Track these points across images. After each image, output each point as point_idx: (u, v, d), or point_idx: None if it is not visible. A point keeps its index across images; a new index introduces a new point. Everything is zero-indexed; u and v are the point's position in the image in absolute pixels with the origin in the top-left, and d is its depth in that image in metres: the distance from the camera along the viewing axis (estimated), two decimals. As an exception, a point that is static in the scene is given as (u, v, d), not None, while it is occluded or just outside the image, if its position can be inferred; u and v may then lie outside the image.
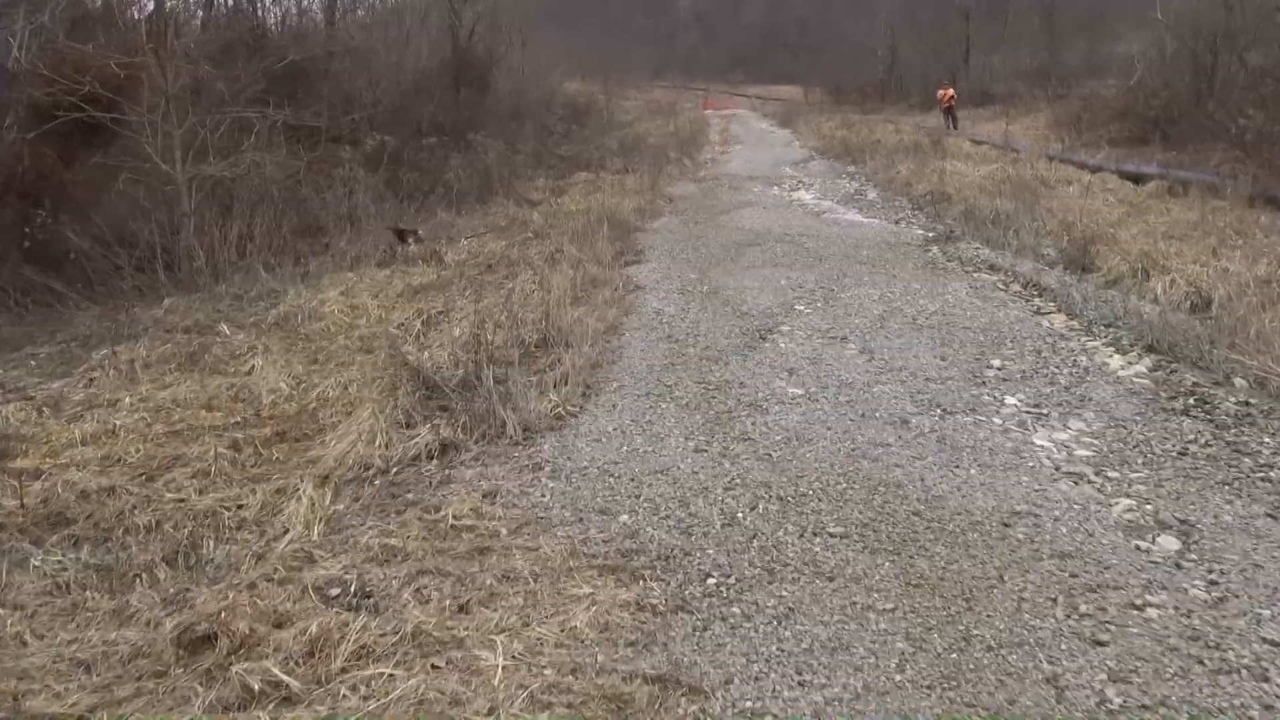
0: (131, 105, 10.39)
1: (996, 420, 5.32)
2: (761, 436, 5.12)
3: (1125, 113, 21.14)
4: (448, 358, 6.42)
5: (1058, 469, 4.65)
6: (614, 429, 5.31)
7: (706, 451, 4.94)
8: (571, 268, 9.39)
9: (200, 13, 19.31)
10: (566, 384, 5.99)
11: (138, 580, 3.95)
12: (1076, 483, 4.49)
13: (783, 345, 6.85)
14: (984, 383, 5.98)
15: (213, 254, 10.66)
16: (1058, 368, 6.22)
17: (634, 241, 11.56)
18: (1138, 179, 15.64)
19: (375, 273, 10.72)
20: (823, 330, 7.21)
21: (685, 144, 24.81)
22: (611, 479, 4.63)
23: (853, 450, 4.88)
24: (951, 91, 27.62)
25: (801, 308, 7.92)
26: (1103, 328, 7.14)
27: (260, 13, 22.42)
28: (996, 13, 35.78)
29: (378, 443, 5.12)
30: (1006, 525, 4.04)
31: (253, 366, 7.11)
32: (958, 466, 4.65)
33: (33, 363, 7.70)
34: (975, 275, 9.25)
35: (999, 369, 6.25)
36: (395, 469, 4.90)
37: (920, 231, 12.17)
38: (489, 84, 26.48)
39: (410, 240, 11.82)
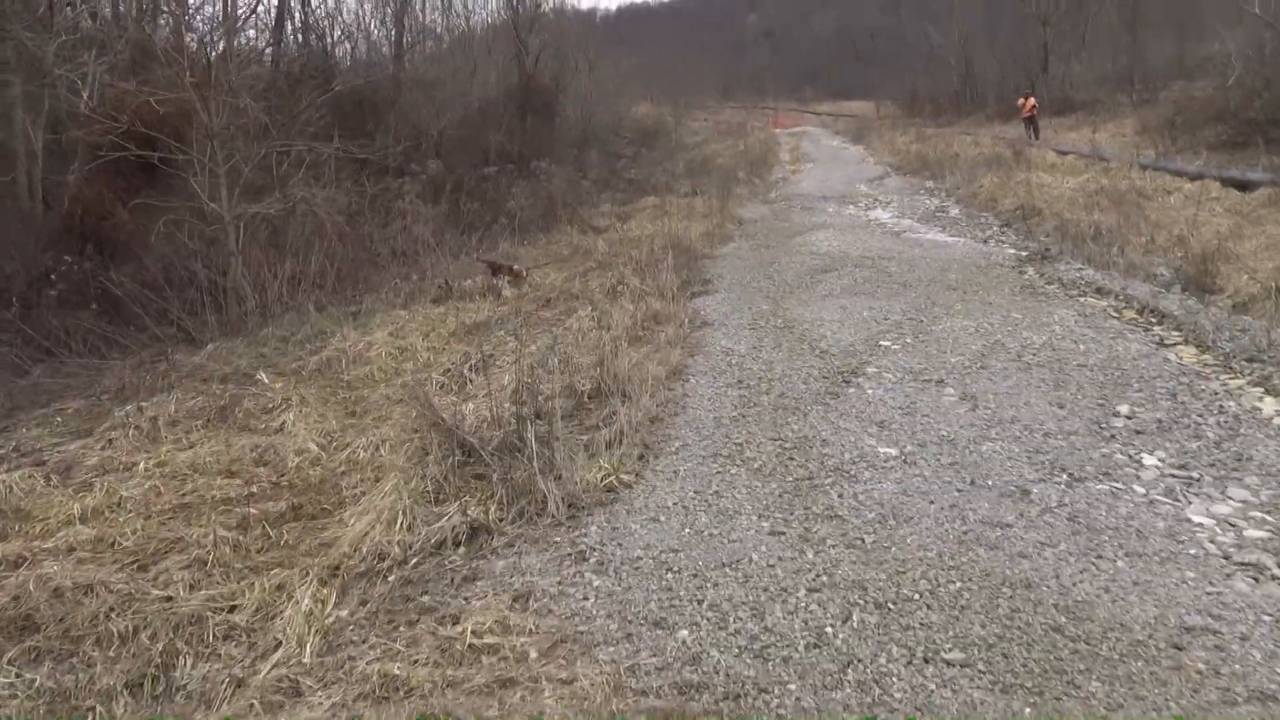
0: (179, 144, 9.91)
1: (1138, 488, 4.32)
2: (851, 513, 4.21)
3: (1222, 115, 19.66)
4: (490, 413, 5.63)
5: (1228, 558, 3.66)
6: (674, 503, 4.44)
7: (784, 534, 4.05)
8: (633, 302, 8.57)
9: (269, 50, 19.13)
10: (621, 444, 5.15)
11: (90, 716, 3.20)
12: (1258, 580, 3.49)
13: (870, 391, 5.92)
14: (1113, 436, 4.98)
15: (263, 294, 10.09)
16: (1201, 416, 5.18)
17: (701, 270, 10.70)
18: (1244, 186, 14.30)
19: (429, 310, 10.05)
20: (915, 372, 6.26)
21: (755, 164, 23.90)
22: (669, 574, 3.76)
23: (964, 533, 3.94)
24: (1033, 100, 26.26)
25: (888, 344, 6.97)
26: (1244, 363, 6.07)
27: (329, 47, 22.17)
28: (1075, 18, 34.18)
29: (398, 524, 4.33)
30: (1179, 648, 3.07)
31: (284, 422, 6.42)
32: (1100, 557, 3.68)
33: (59, 419, 7.11)
34: (1082, 300, 8.18)
35: (1128, 418, 5.23)
36: (415, 559, 4.09)
37: (1012, 251, 11.09)
38: (555, 110, 25.98)
39: (505, 277, 10.89)
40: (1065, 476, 4.46)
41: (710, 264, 11.14)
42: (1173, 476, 4.44)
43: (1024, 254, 10.78)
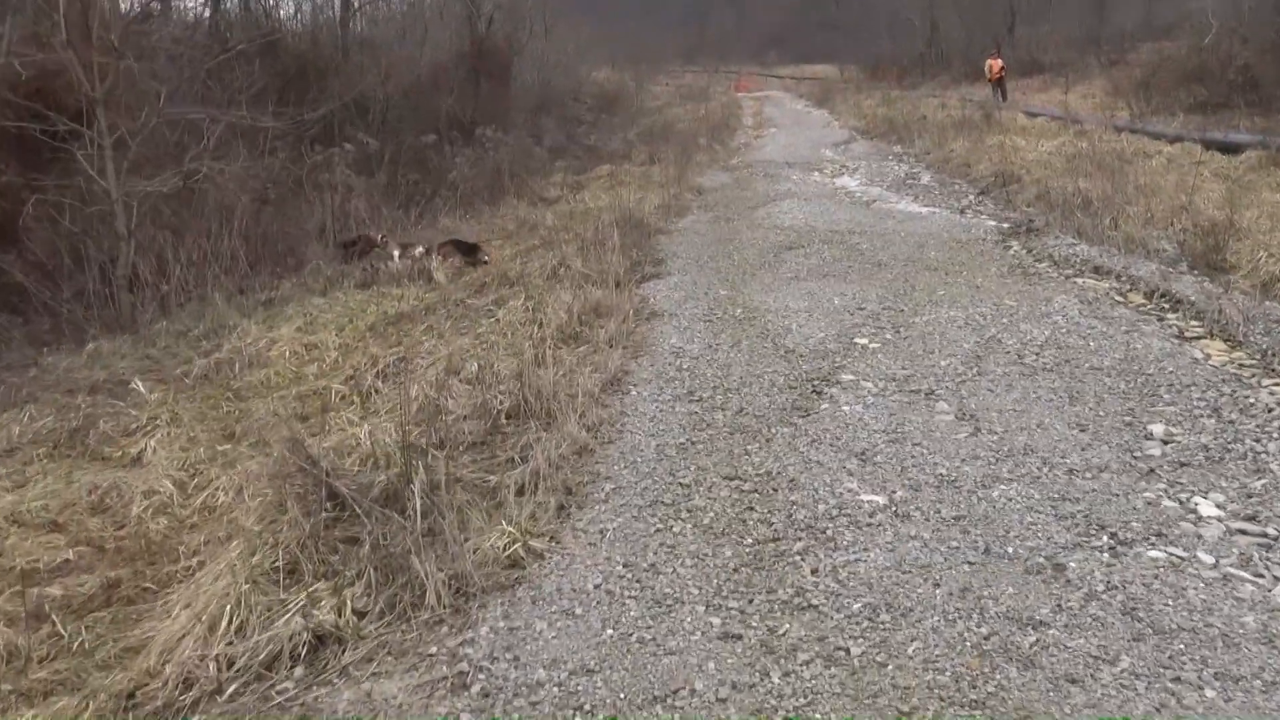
0: (62, 115, 8.54)
1: (1203, 555, 3.23)
2: (829, 601, 3.08)
3: (1199, 75, 18.62)
4: (377, 447, 4.45)
5: (1355, 679, 2.57)
6: (596, 584, 3.29)
7: (740, 639, 2.91)
8: (573, 291, 7.37)
9: (207, 12, 17.63)
10: (537, 490, 3.99)
11: None
12: None
13: (846, 407, 4.78)
14: (1152, 470, 3.89)
15: (163, 283, 8.80)
16: (1257, 441, 4.10)
17: (654, 248, 9.51)
18: (1228, 149, 13.30)
19: (351, 297, 8.81)
20: (899, 379, 5.13)
21: (717, 129, 22.61)
22: (578, 717, 2.62)
23: (985, 639, 2.82)
24: (1001, 62, 25.08)
25: (865, 340, 5.83)
26: (1290, 363, 5.00)
27: (269, 8, 20.58)
28: (1040, -23, 33.03)
29: (224, 626, 3.15)
30: None
31: (144, 449, 5.21)
32: (1180, 680, 2.58)
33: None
34: (1079, 282, 7.09)
35: (1166, 443, 4.14)
36: (234, 685, 2.92)
37: (992, 223, 9.98)
38: (510, 75, 24.54)
39: (461, 258, 9.56)
40: (1106, 538, 3.35)
41: (665, 240, 9.95)
42: (1243, 534, 3.36)
43: (1006, 226, 9.68)
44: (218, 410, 5.82)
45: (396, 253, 9.69)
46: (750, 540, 3.51)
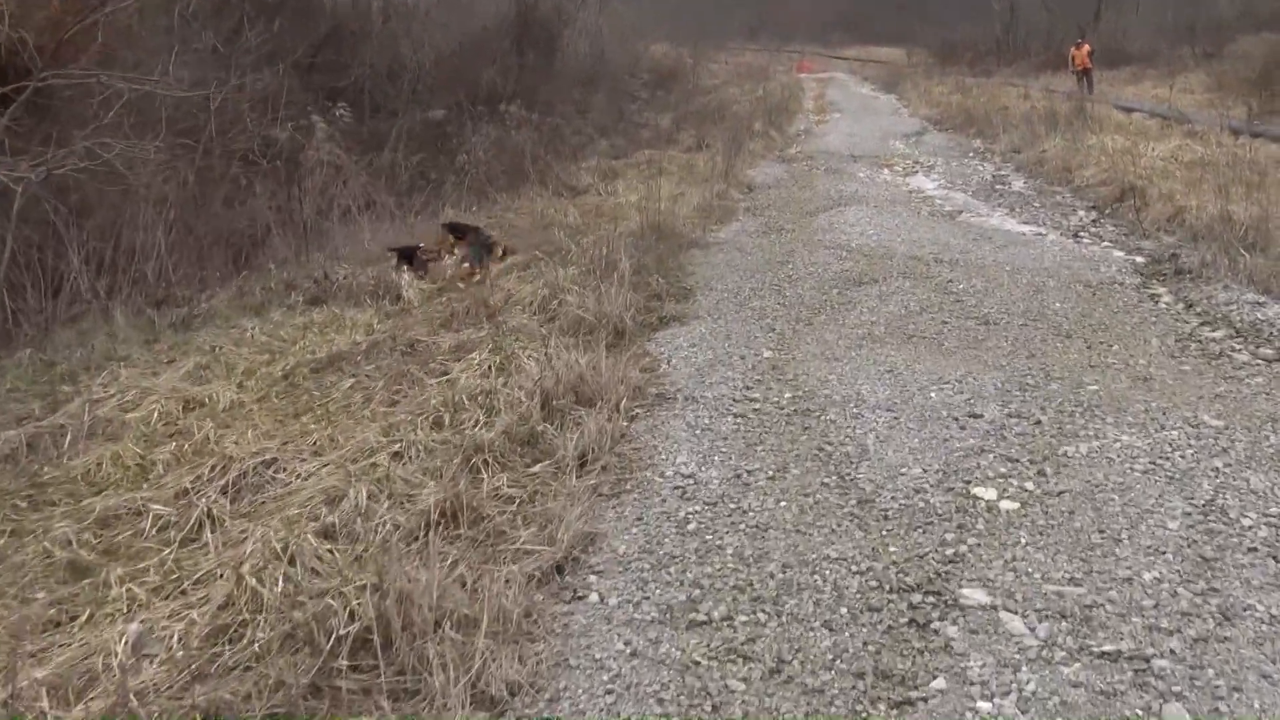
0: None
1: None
2: None
3: (1330, 72, 15.61)
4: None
5: None
6: None
7: None
8: (558, 342, 5.02)
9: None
10: None
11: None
12: None
13: (982, 701, 2.38)
14: None
15: (49, 296, 6.63)
16: None
17: (684, 269, 7.10)
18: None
19: (292, 319, 6.59)
20: (1071, 614, 2.69)
21: (774, 112, 19.91)
22: None
23: None
24: (1088, 48, 22.01)
25: (991, 494, 3.39)
26: None
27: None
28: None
29: None
30: None
31: None
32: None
33: None
34: (1298, 375, 4.57)
35: None
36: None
37: (1121, 254, 7.42)
38: (557, 45, 22.13)
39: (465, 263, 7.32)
40: None
41: (699, 257, 7.53)
42: None
43: (1142, 261, 7.12)
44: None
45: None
46: None
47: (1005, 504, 3.30)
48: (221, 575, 3.15)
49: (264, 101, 10.71)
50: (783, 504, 3.40)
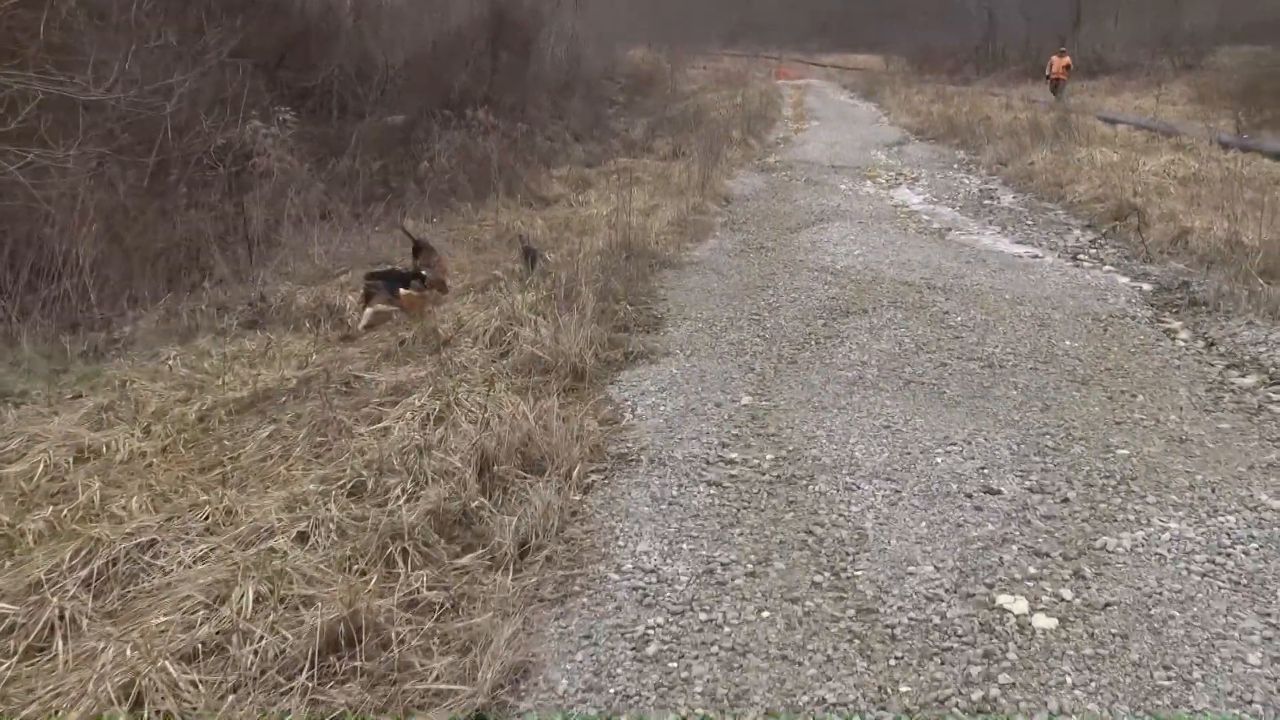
0: None
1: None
2: None
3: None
4: None
5: None
6: None
7: None
8: (507, 386, 4.32)
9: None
10: None
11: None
12: None
13: None
14: None
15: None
16: None
17: (655, 293, 6.42)
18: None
19: (219, 347, 5.88)
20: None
21: (753, 119, 19.25)
22: None
23: None
24: (1068, 60, 21.51)
25: (1021, 607, 2.71)
26: None
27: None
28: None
29: None
30: None
31: None
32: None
33: None
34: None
35: None
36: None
37: (1126, 280, 6.81)
38: (531, 49, 21.37)
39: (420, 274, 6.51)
40: None
41: (672, 279, 6.85)
42: None
43: (1149, 290, 6.51)
44: None
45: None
46: None
47: (1040, 620, 2.64)
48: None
49: (222, 103, 9.94)
50: (765, 614, 2.73)
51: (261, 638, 2.55)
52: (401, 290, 6.17)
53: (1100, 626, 2.60)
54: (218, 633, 2.64)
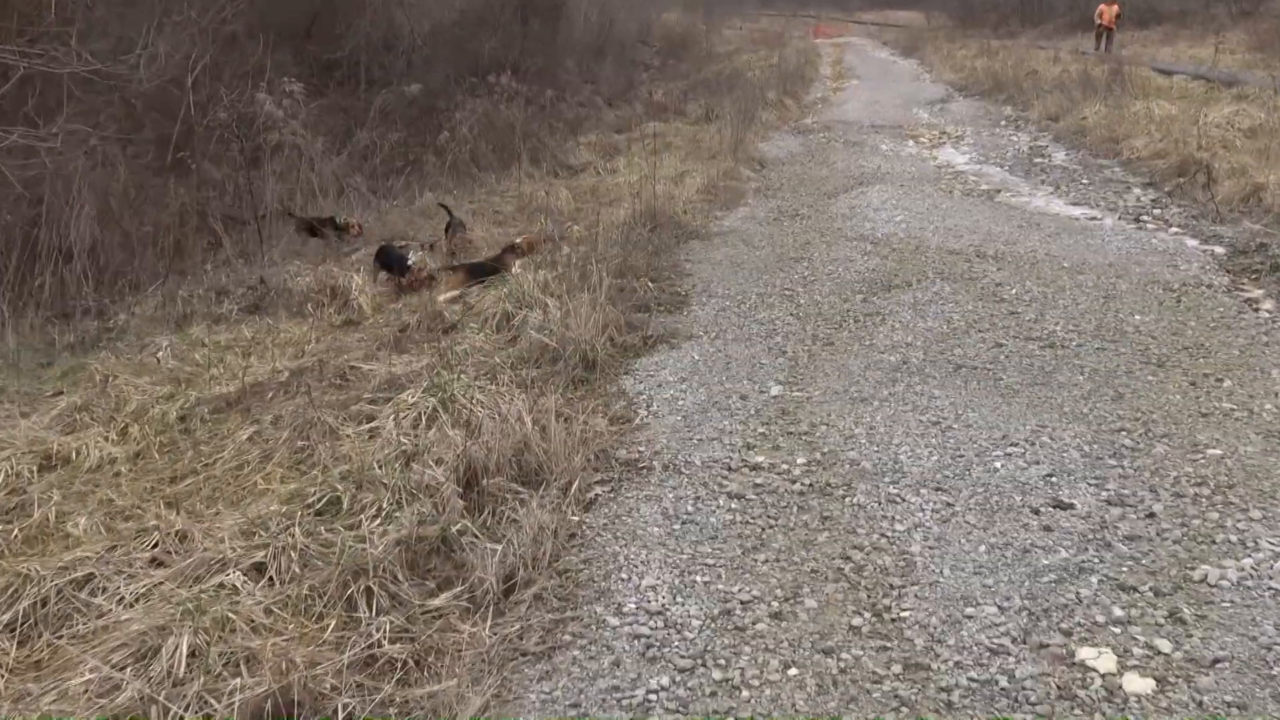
0: None
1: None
2: None
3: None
4: None
5: None
6: None
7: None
8: (512, 392, 3.84)
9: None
10: None
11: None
12: None
13: None
14: None
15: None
16: None
17: (681, 267, 5.89)
18: None
19: (213, 335, 5.47)
20: None
21: (789, 79, 18.46)
22: None
23: None
24: (1118, 8, 20.36)
25: (1109, 664, 2.18)
26: None
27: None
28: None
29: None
30: None
31: None
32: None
33: None
34: None
35: None
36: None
37: (1194, 243, 6.13)
38: (562, 12, 20.70)
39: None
40: None
41: (700, 251, 6.31)
42: None
43: (1223, 252, 5.84)
44: None
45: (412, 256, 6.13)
46: None
47: (1132, 683, 2.11)
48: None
49: (244, 77, 9.52)
50: (793, 671, 2.22)
51: (184, 712, 2.10)
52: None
53: (1209, 692, 2.07)
54: (140, 699, 2.20)
